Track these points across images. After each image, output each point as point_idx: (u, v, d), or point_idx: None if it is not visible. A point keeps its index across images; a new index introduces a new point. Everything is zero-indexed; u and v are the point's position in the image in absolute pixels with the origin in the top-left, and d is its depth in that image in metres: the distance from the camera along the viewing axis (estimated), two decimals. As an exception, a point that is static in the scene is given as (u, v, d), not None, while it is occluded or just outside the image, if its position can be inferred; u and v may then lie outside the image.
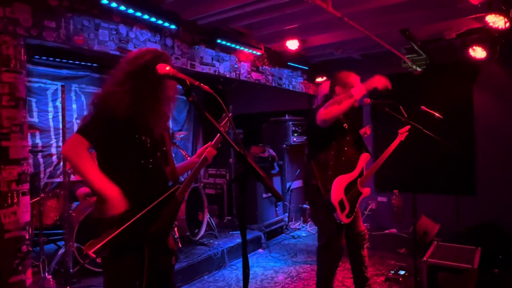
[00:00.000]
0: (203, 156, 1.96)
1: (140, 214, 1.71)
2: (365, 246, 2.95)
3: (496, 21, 3.42)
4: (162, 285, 1.95)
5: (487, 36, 4.14)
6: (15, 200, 2.54)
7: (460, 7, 3.59)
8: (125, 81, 1.76)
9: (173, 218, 1.89)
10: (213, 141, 1.98)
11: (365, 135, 3.18)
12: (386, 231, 5.14)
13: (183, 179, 2.21)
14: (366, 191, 2.91)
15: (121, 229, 1.64)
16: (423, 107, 3.07)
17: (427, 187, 5.02)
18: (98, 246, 1.57)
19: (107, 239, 1.60)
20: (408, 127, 3.02)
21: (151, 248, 1.80)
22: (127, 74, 1.78)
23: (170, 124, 6.24)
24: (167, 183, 1.90)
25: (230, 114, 1.83)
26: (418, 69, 4.90)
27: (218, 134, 1.85)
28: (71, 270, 3.25)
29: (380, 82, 2.57)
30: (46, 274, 3.04)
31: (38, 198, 3.39)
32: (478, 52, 4.38)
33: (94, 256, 1.56)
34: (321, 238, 2.85)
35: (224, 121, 1.93)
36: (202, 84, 1.50)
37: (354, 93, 2.57)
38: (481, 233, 4.21)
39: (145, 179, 1.80)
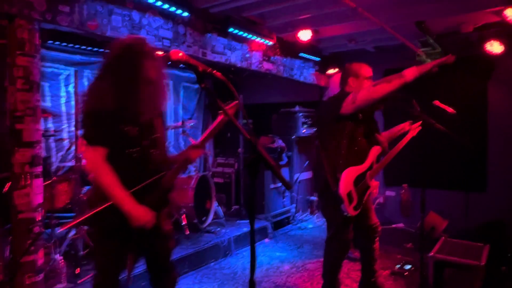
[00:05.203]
0: (184, 157, 1.99)
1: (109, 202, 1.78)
2: (376, 239, 2.95)
3: (515, 15, 3.34)
4: (160, 268, 2.05)
5: (505, 31, 4.06)
6: (28, 182, 2.59)
7: (478, 0, 3.51)
8: (105, 75, 1.84)
9: (160, 203, 1.91)
10: (199, 141, 2.01)
11: (403, 131, 3.05)
12: (393, 226, 5.12)
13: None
14: (374, 184, 2.89)
15: (92, 212, 1.77)
16: (436, 102, 3.02)
17: (436, 182, 4.96)
18: (68, 225, 1.90)
19: (78, 220, 1.86)
20: (420, 122, 2.97)
21: (139, 233, 1.83)
22: (107, 67, 1.86)
23: (181, 112, 6.27)
24: (157, 170, 1.92)
25: (237, 102, 1.84)
26: (433, 63, 4.81)
27: (206, 133, 1.98)
28: (81, 252, 3.31)
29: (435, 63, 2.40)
30: (57, 255, 3.11)
31: (50, 182, 3.44)
32: (495, 47, 4.28)
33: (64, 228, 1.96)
34: (329, 230, 2.86)
35: (230, 106, 1.85)
36: (215, 71, 1.50)
37: (406, 73, 2.35)
38: (490, 230, 4.17)
39: (131, 168, 1.84)
